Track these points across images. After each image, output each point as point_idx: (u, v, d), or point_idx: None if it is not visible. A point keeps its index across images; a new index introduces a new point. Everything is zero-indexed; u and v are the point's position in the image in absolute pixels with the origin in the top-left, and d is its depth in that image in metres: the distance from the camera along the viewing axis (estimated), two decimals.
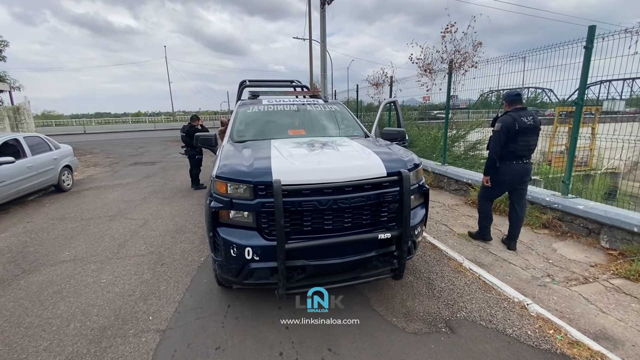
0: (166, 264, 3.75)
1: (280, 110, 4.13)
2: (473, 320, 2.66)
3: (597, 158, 9.14)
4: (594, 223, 3.99)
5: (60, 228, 5.07)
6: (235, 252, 2.44)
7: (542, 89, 14.53)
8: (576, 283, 3.17)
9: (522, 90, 10.59)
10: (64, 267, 3.75)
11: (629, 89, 12.97)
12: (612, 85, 14.83)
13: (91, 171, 10.33)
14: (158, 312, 2.85)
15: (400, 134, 4.06)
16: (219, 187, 2.53)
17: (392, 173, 2.58)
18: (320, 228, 2.52)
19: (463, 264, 3.58)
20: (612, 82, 13.76)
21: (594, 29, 4.05)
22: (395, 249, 2.62)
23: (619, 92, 14.82)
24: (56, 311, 2.89)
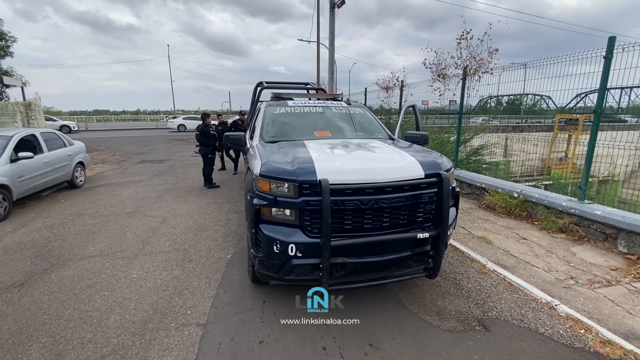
0: (194, 261, 3.80)
1: (306, 112, 4.21)
2: (505, 319, 2.73)
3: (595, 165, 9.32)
4: (612, 228, 4.09)
5: (80, 224, 5.10)
6: (279, 249, 2.50)
7: (541, 96, 14.79)
8: (600, 286, 3.25)
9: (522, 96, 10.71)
10: (92, 262, 3.79)
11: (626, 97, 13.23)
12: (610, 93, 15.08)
13: (100, 168, 10.34)
14: (195, 306, 2.90)
15: (423, 137, 4.15)
16: (262, 185, 2.60)
17: (429, 175, 2.66)
18: (360, 226, 2.59)
19: (487, 265, 3.66)
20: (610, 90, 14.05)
21: (614, 39, 4.16)
22: (430, 248, 2.70)
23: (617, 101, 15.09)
24: (93, 304, 2.94)
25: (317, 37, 16.95)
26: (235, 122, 9.39)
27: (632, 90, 12.86)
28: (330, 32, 12.85)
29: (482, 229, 4.81)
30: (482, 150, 9.11)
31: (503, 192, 5.51)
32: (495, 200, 5.55)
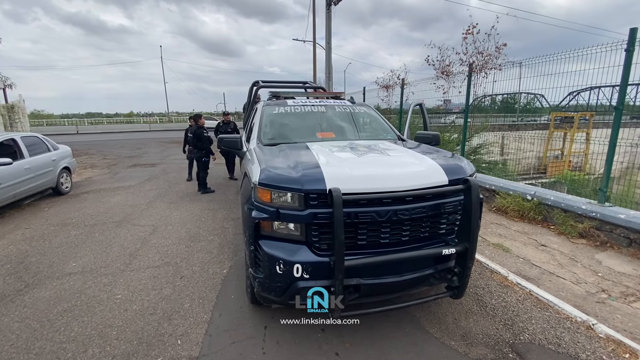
0: (186, 277, 3.43)
1: (308, 112, 3.87)
2: (540, 343, 2.41)
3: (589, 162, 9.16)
4: (637, 233, 3.79)
5: (63, 235, 4.71)
6: (282, 269, 2.16)
7: (534, 95, 14.67)
8: (634, 299, 2.95)
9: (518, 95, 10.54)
10: (72, 280, 3.41)
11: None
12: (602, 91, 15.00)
13: (89, 173, 9.89)
14: (186, 334, 2.53)
15: (435, 137, 3.82)
16: (261, 195, 2.25)
17: (453, 181, 2.33)
18: (376, 242, 2.25)
19: (509, 277, 3.34)
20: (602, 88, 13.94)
21: (636, 31, 3.89)
22: (455, 264, 2.37)
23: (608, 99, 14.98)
24: (69, 334, 2.56)
25: (313, 34, 16.63)
26: (218, 124, 8.92)
27: None
28: (327, 30, 12.51)
29: (496, 234, 4.50)
30: (481, 149, 8.89)
31: (515, 194, 5.22)
32: (507, 203, 5.25)
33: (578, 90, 5.54)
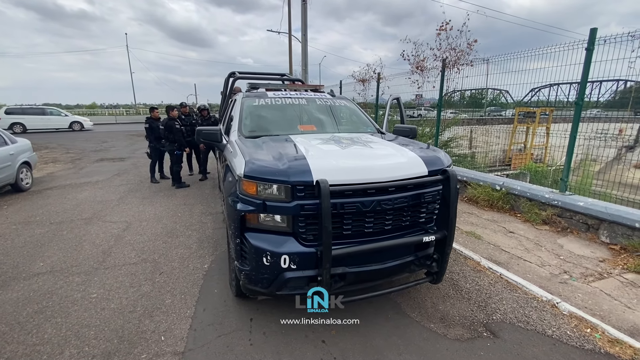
0: (165, 273, 3.35)
1: (289, 104, 3.85)
2: (511, 322, 2.59)
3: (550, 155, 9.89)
4: (594, 219, 4.13)
5: (27, 234, 4.42)
6: (269, 261, 2.18)
7: (500, 90, 15.41)
8: (593, 279, 3.23)
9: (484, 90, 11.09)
10: (41, 280, 3.23)
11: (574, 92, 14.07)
12: (560, 88, 16.00)
13: (51, 168, 9.28)
14: (170, 330, 2.49)
15: (412, 130, 3.94)
16: (247, 188, 2.24)
17: (433, 171, 2.44)
18: (361, 231, 2.31)
19: (481, 262, 3.54)
20: (561, 85, 14.89)
21: (595, 31, 4.17)
22: (434, 251, 2.49)
23: (566, 95, 15.99)
24: (43, 335, 2.44)
25: (289, 26, 16.40)
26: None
27: (579, 85, 13.72)
28: (302, 22, 12.40)
29: (468, 223, 4.73)
30: (451, 142, 9.27)
31: (485, 184, 5.50)
32: (477, 194, 5.52)
33: (539, 87, 5.88)
